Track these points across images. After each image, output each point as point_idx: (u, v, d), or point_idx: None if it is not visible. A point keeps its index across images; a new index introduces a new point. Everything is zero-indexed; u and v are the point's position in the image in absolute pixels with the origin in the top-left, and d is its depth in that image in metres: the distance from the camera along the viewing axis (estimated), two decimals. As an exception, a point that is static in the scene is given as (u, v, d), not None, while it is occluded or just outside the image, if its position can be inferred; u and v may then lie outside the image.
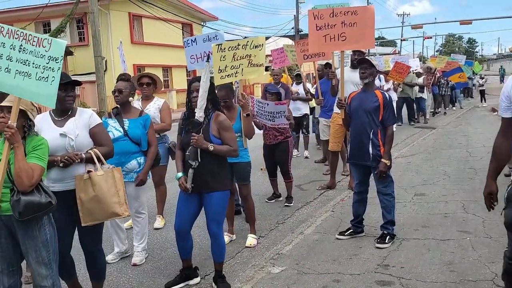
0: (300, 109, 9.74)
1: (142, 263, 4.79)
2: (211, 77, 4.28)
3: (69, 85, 3.60)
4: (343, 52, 5.70)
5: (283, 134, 6.61)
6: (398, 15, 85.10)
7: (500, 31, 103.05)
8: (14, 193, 3.01)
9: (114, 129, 4.65)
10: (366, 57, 6.04)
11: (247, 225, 5.62)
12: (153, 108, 5.73)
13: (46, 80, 2.97)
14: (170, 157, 5.95)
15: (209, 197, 4.04)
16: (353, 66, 6.89)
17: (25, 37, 3.03)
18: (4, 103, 3.15)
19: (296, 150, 9.98)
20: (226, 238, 5.21)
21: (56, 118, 3.63)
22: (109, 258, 4.81)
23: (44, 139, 3.21)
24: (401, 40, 58.81)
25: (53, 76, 2.99)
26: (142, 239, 4.88)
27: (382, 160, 4.87)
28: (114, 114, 4.77)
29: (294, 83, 10.63)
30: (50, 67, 2.97)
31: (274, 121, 6.15)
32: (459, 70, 16.66)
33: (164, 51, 27.97)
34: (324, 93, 7.84)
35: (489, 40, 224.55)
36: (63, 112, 3.64)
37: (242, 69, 5.01)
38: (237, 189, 5.63)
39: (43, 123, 3.57)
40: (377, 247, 4.82)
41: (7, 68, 3.05)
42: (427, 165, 8.88)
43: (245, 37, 5.39)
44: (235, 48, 4.99)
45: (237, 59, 5.00)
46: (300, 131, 10.12)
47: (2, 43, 3.07)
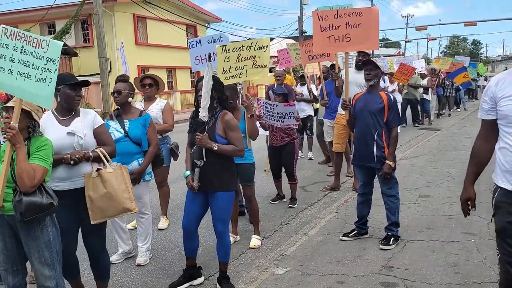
0: (304, 110, 9.72)
1: (146, 264, 4.80)
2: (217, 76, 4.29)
3: (77, 85, 3.66)
4: (347, 53, 5.70)
5: (290, 136, 6.60)
6: (403, 16, 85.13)
7: (505, 33, 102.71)
8: (16, 193, 3.02)
9: (115, 130, 4.67)
10: (371, 58, 6.04)
11: (251, 226, 5.62)
12: (155, 109, 5.74)
13: (44, 81, 2.97)
14: (172, 158, 5.96)
15: (214, 197, 4.04)
16: (358, 67, 6.89)
17: (26, 39, 3.04)
18: (9, 104, 3.17)
19: (300, 151, 9.96)
20: (230, 239, 5.20)
21: (61, 118, 3.65)
22: (113, 258, 4.83)
23: (48, 140, 3.21)
24: (406, 42, 58.65)
25: (50, 78, 2.98)
26: (146, 239, 4.89)
27: (387, 161, 4.86)
28: (115, 116, 4.79)
29: (299, 84, 10.63)
30: (47, 68, 2.97)
31: (283, 122, 6.14)
32: (463, 70, 16.59)
33: (168, 52, 28.02)
34: (329, 94, 7.83)
35: (494, 41, 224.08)
36: (68, 111, 3.67)
37: (247, 70, 5.01)
38: (241, 190, 5.64)
39: (47, 122, 3.58)
40: (382, 249, 4.81)
41: (10, 69, 3.07)
42: (432, 167, 8.86)
43: (249, 39, 5.40)
44: (239, 49, 4.98)
45: (241, 60, 5.00)
46: (304, 132, 10.12)
47: (5, 44, 3.09)
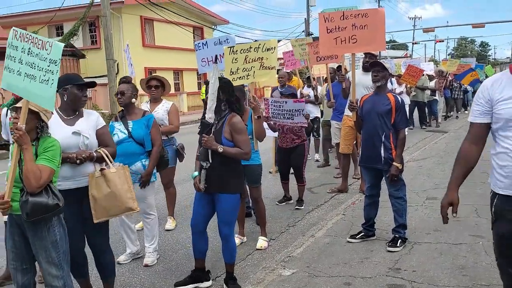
0: (311, 112, 9.68)
1: (153, 264, 4.81)
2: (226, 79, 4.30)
3: (84, 86, 3.73)
4: (354, 55, 5.70)
5: (300, 138, 6.57)
6: (410, 18, 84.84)
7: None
8: (23, 193, 3.05)
9: (119, 131, 4.71)
10: (378, 60, 6.03)
11: (257, 228, 5.63)
12: (161, 110, 5.77)
13: (47, 82, 2.99)
14: (178, 159, 5.98)
15: (219, 199, 4.05)
16: (365, 69, 6.88)
17: (32, 40, 3.07)
18: (17, 104, 3.21)
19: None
20: (237, 240, 5.21)
21: (65, 117, 3.69)
22: (121, 259, 4.86)
23: (56, 141, 3.23)
24: (413, 44, 58.48)
25: (53, 79, 2.99)
26: (153, 240, 4.91)
27: (394, 163, 4.85)
28: (120, 117, 4.83)
29: (305, 86, 10.62)
30: (50, 70, 2.99)
31: (293, 119, 6.13)
32: (470, 71, 16.52)
33: (175, 54, 28.10)
34: (336, 95, 7.82)
35: (502, 43, 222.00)
36: (73, 111, 3.72)
37: (254, 71, 5.02)
38: (248, 191, 5.64)
39: (52, 122, 3.61)
40: (389, 251, 4.80)
41: (18, 70, 3.10)
42: (439, 169, 8.82)
43: (256, 41, 5.41)
44: (247, 51, 5.00)
45: (249, 62, 5.01)
46: (311, 134, 10.10)
47: (15, 46, 3.13)
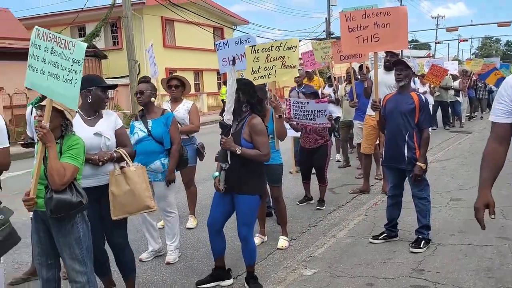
0: (333, 112, 9.65)
1: (175, 262, 4.84)
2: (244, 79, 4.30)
3: (106, 88, 3.84)
4: (376, 54, 5.65)
5: (324, 138, 6.53)
6: (433, 17, 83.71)
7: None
8: (48, 190, 3.10)
9: (139, 130, 4.77)
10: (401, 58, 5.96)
11: (278, 227, 5.61)
12: (182, 110, 5.81)
13: (70, 82, 3.00)
14: (198, 159, 6.00)
15: (238, 200, 4.05)
16: (386, 68, 6.81)
17: (55, 40, 3.08)
18: (43, 103, 3.26)
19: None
20: (258, 240, 5.22)
21: (86, 117, 3.75)
22: (143, 256, 4.91)
23: (80, 139, 3.27)
24: (436, 43, 57.71)
25: (76, 79, 3.01)
26: (174, 238, 4.94)
27: (418, 163, 4.78)
28: (140, 116, 4.88)
29: (326, 85, 10.56)
30: (73, 70, 3.00)
31: (316, 120, 6.08)
32: (494, 69, 16.21)
33: (195, 54, 28.27)
34: (358, 95, 7.75)
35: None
36: (94, 112, 3.78)
37: (275, 70, 5.01)
38: (269, 191, 5.63)
39: (74, 121, 3.66)
40: (412, 252, 4.73)
41: (42, 69, 3.12)
42: (463, 170, 8.68)
43: (276, 41, 5.40)
44: (268, 50, 4.99)
45: (270, 61, 5.00)
46: (332, 134, 10.03)
47: (38, 45, 3.14)
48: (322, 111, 5.99)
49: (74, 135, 3.30)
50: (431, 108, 10.10)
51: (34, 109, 4.39)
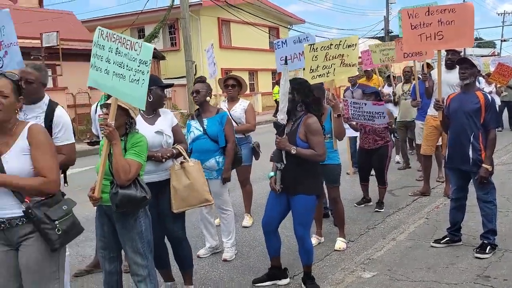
0: (392, 111, 9.41)
1: (232, 259, 4.89)
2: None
3: (166, 87, 4.03)
4: (439, 52, 5.46)
5: (384, 139, 6.39)
6: (498, 14, 79.66)
7: None
8: (113, 186, 3.21)
9: (195, 129, 4.86)
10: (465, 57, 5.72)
11: (335, 229, 5.53)
12: (239, 109, 5.87)
13: (137, 82, 3.05)
14: (254, 157, 6.02)
15: (294, 200, 4.02)
16: (448, 66, 6.56)
17: (120, 41, 3.14)
18: (108, 101, 3.37)
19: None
20: (314, 240, 5.17)
21: (146, 116, 3.89)
22: (201, 252, 4.99)
23: (143, 137, 3.37)
24: (501, 41, 54.92)
25: (143, 79, 3.05)
26: (230, 235, 4.99)
27: (484, 165, 4.57)
28: (196, 116, 4.97)
29: (385, 85, 10.32)
30: (140, 70, 3.05)
31: (374, 121, 5.98)
32: None
33: (250, 54, 28.46)
34: (422, 95, 7.50)
35: None
36: (152, 110, 3.93)
37: (334, 69, 4.95)
38: (326, 191, 5.56)
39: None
40: (477, 257, 4.54)
41: (106, 69, 3.19)
42: (532, 173, 8.22)
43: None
44: (327, 48, 4.94)
45: (329, 59, 4.94)
46: (392, 135, 9.78)
47: (102, 45, 3.22)
48: (380, 113, 5.86)
49: (137, 133, 3.40)
50: (497, 108, 9.64)
51: (98, 107, 4.58)
